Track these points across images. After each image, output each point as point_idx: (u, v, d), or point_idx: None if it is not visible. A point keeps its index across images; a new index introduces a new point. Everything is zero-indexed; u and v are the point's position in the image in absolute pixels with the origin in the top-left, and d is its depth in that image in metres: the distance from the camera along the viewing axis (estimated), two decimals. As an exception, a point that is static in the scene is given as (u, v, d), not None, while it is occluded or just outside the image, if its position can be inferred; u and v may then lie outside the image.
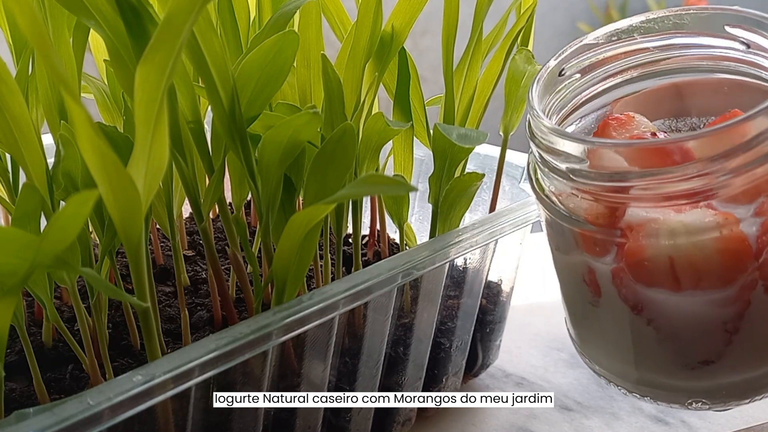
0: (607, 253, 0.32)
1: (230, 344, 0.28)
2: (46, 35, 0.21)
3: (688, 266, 0.30)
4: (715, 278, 0.30)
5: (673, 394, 0.34)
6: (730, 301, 0.31)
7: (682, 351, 0.33)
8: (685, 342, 0.32)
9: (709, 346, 0.32)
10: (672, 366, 0.33)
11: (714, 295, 0.31)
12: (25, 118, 0.29)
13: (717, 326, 0.32)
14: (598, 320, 0.35)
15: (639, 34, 0.36)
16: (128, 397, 0.25)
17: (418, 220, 0.52)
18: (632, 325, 0.33)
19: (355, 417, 0.39)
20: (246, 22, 0.38)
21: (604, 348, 0.36)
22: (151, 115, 0.23)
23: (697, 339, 0.32)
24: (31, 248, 0.22)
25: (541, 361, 0.51)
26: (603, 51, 0.36)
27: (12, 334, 0.34)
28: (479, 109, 0.41)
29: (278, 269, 0.31)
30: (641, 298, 0.32)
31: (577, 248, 0.33)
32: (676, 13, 0.35)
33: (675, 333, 0.32)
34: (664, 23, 0.36)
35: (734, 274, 0.30)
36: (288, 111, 0.34)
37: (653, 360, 0.34)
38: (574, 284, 0.35)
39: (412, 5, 0.37)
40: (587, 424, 0.45)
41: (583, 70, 0.36)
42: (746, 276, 0.30)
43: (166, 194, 0.34)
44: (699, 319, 0.31)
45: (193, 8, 0.22)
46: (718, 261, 0.30)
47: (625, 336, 0.34)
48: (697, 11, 0.35)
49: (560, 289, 0.37)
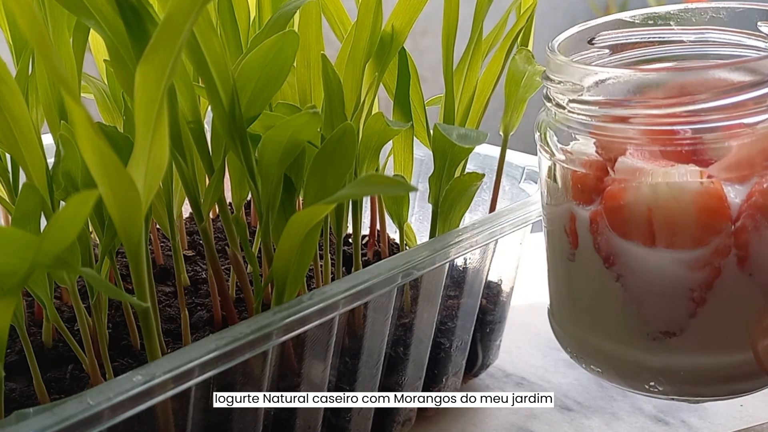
0: (593, 200, 0.32)
1: (230, 344, 0.28)
2: (46, 35, 0.21)
3: (663, 218, 0.30)
4: (688, 235, 0.30)
5: (631, 370, 0.34)
6: (700, 264, 0.30)
7: (645, 316, 0.32)
8: (649, 305, 0.32)
9: (672, 315, 0.32)
10: (634, 333, 0.33)
11: (685, 255, 0.30)
12: (25, 118, 0.29)
13: (683, 292, 0.31)
14: (572, 279, 0.35)
15: (676, 23, 0.36)
16: (128, 397, 0.25)
17: (418, 220, 0.52)
18: (602, 282, 0.33)
19: (355, 417, 0.39)
20: (246, 22, 0.38)
21: (575, 313, 0.36)
22: (151, 115, 0.23)
23: (662, 304, 0.32)
24: (31, 248, 0.22)
25: (541, 361, 0.51)
26: (638, 34, 0.36)
27: (12, 334, 0.34)
28: (479, 109, 0.41)
29: (278, 269, 0.31)
30: (614, 249, 0.32)
31: (565, 196, 0.33)
32: (714, 7, 0.35)
33: (641, 294, 0.32)
34: (701, 16, 0.36)
35: (707, 233, 0.30)
36: (288, 111, 0.34)
37: (617, 325, 0.33)
38: (557, 239, 0.35)
39: (412, 5, 0.37)
40: (587, 424, 0.45)
41: (613, 47, 0.36)
42: (720, 239, 0.30)
43: (166, 194, 0.34)
44: (666, 281, 0.31)
45: (193, 8, 0.22)
46: (693, 216, 0.30)
47: (592, 295, 0.34)
48: (734, 6, 0.35)
49: (546, 254, 0.37)
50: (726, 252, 0.30)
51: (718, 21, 0.35)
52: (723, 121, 0.29)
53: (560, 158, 0.33)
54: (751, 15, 0.35)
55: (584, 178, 0.32)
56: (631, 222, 0.31)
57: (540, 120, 0.35)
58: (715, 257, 0.30)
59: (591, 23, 0.36)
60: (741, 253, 0.30)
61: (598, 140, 0.32)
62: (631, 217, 0.31)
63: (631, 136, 0.30)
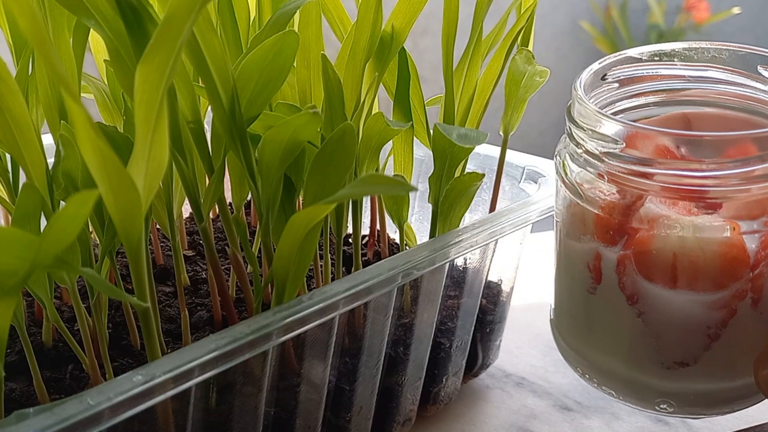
0: (617, 242, 0.34)
1: (230, 344, 0.28)
2: (46, 35, 0.21)
3: (688, 264, 0.33)
4: (710, 280, 0.33)
5: (643, 392, 0.36)
6: (718, 306, 0.33)
7: (663, 348, 0.35)
8: (668, 339, 0.34)
9: (688, 348, 0.34)
10: (649, 362, 0.35)
11: (705, 297, 0.33)
12: (25, 118, 0.29)
13: (701, 329, 0.34)
14: (590, 310, 0.37)
15: (679, 60, 0.38)
16: (128, 397, 0.25)
17: (418, 220, 0.52)
18: (623, 316, 0.35)
19: (355, 417, 0.39)
20: (246, 22, 0.38)
21: (589, 337, 0.37)
22: (151, 115, 0.23)
23: (680, 338, 0.34)
24: (31, 248, 0.22)
25: (541, 361, 0.51)
26: (644, 68, 0.39)
27: (12, 334, 0.34)
28: (479, 109, 0.41)
29: (278, 269, 0.31)
30: (638, 289, 0.34)
31: (589, 234, 0.35)
32: (717, 47, 0.38)
33: (661, 329, 0.34)
34: (703, 54, 0.38)
35: (729, 279, 0.33)
36: (288, 111, 0.34)
37: (634, 354, 0.35)
38: (577, 271, 0.37)
39: (412, 5, 0.37)
40: (587, 424, 0.45)
41: (622, 81, 0.38)
42: (739, 284, 0.33)
43: (166, 194, 0.34)
44: (686, 319, 0.34)
45: (193, 8, 0.22)
46: (717, 264, 0.32)
47: (612, 326, 0.36)
48: (736, 48, 0.37)
49: (556, 277, 0.39)
50: (743, 295, 0.33)
51: (720, 61, 0.38)
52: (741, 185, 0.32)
53: (582, 197, 0.35)
54: (752, 59, 0.37)
55: (608, 221, 0.34)
56: (656, 266, 0.33)
57: (560, 151, 0.37)
58: (733, 300, 0.33)
59: (605, 61, 0.38)
60: (755, 296, 0.33)
61: (619, 188, 0.34)
62: (658, 261, 0.33)
63: (651, 188, 0.33)
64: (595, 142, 0.34)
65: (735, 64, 0.37)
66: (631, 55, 0.39)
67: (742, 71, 0.37)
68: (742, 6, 2.72)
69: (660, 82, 0.39)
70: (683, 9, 2.69)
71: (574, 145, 0.35)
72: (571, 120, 0.35)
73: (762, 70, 0.37)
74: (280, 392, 0.34)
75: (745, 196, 0.32)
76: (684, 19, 2.68)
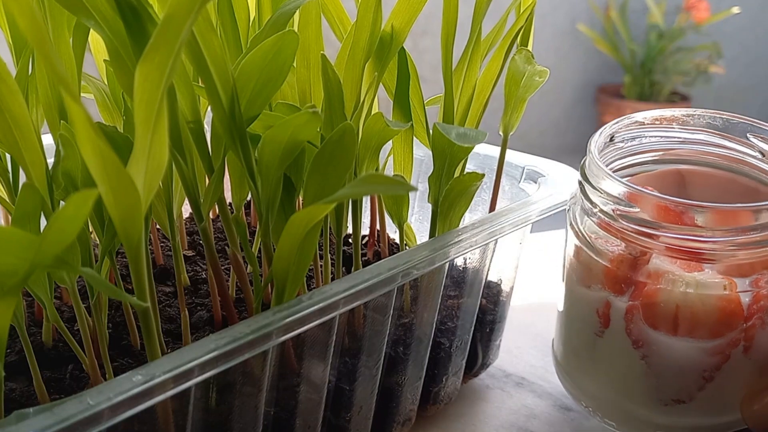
0: (625, 291, 0.39)
1: (230, 344, 0.28)
2: (46, 35, 0.21)
3: (689, 315, 0.37)
4: (708, 329, 0.37)
5: (641, 426, 0.40)
6: (714, 352, 0.38)
7: (662, 387, 0.39)
8: (667, 380, 0.39)
9: (685, 388, 0.39)
10: (649, 399, 0.39)
11: (703, 344, 0.37)
12: (25, 118, 0.29)
13: (697, 371, 0.38)
14: (596, 350, 0.41)
15: (678, 125, 0.44)
16: (128, 397, 0.25)
17: (418, 220, 0.52)
18: (628, 358, 0.39)
19: (354, 417, 0.39)
20: (246, 22, 0.38)
21: (593, 375, 0.42)
22: (150, 114, 0.23)
23: (678, 379, 0.39)
24: (31, 248, 0.22)
25: (541, 361, 0.51)
26: (646, 130, 0.44)
27: (12, 334, 0.34)
28: (478, 109, 0.41)
29: (278, 269, 0.31)
30: (643, 335, 0.38)
31: (599, 283, 0.40)
32: (711, 115, 0.43)
33: (661, 370, 0.39)
34: (699, 120, 0.43)
35: (724, 329, 0.37)
36: (288, 111, 0.34)
37: (635, 391, 0.40)
38: (585, 315, 0.41)
39: (411, 5, 0.37)
40: (587, 424, 0.45)
41: (627, 140, 0.44)
42: (734, 334, 0.37)
43: (166, 194, 0.34)
44: (684, 362, 0.38)
45: (192, 8, 0.22)
46: (715, 315, 0.37)
47: (616, 366, 0.40)
48: (729, 117, 0.43)
49: (563, 318, 0.43)
50: (737, 343, 0.37)
51: (714, 126, 0.43)
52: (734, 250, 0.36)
53: (592, 249, 0.40)
54: (743, 126, 0.42)
55: (616, 273, 0.38)
56: (661, 316, 0.38)
57: (572, 205, 0.42)
58: (727, 347, 0.37)
59: (615, 124, 0.43)
60: (747, 344, 0.38)
61: (626, 242, 0.38)
62: (663, 312, 0.38)
63: (656, 246, 0.37)
64: (606, 201, 0.38)
65: (728, 130, 0.43)
66: (637, 120, 0.44)
67: (732, 137, 0.42)
68: (742, 6, 2.72)
69: (659, 143, 0.44)
70: (683, 9, 2.69)
71: (588, 202, 0.39)
72: (585, 178, 0.40)
73: (751, 137, 0.42)
74: (280, 392, 0.34)
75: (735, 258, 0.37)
76: (684, 19, 2.68)
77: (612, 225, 0.38)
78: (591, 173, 0.39)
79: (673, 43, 2.66)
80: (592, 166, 0.39)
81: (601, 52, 2.74)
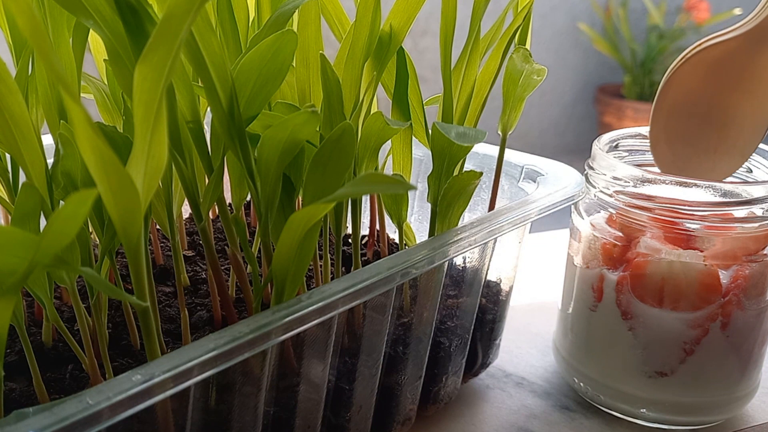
0: (618, 267, 0.43)
1: (229, 344, 0.28)
2: (46, 35, 0.21)
3: (673, 286, 0.41)
4: (689, 302, 0.41)
5: (629, 399, 0.44)
6: (694, 324, 0.42)
7: (647, 358, 0.43)
8: (651, 351, 0.43)
9: (667, 359, 0.43)
10: (635, 371, 0.44)
11: (684, 315, 0.42)
12: (24, 118, 0.29)
13: (679, 343, 0.42)
14: (591, 324, 0.45)
15: None
16: (127, 396, 0.25)
17: (418, 219, 0.52)
18: (617, 329, 0.44)
19: (354, 416, 0.39)
20: (245, 22, 0.38)
21: (588, 350, 0.46)
22: (150, 114, 0.23)
23: (662, 350, 0.43)
24: (31, 248, 0.22)
25: (541, 361, 0.51)
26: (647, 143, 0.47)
27: (12, 334, 0.34)
28: (477, 108, 0.41)
29: (278, 269, 0.31)
30: (631, 307, 0.43)
31: (597, 261, 0.44)
32: None
33: (647, 341, 0.43)
34: None
35: (703, 302, 0.41)
36: (287, 110, 0.34)
37: (622, 363, 0.44)
38: (583, 291, 0.45)
39: (410, 5, 0.37)
40: (587, 424, 0.45)
41: (629, 150, 0.49)
42: (712, 308, 0.41)
43: (165, 194, 0.34)
44: (667, 333, 0.42)
45: (191, 8, 0.22)
46: (695, 288, 0.41)
47: (607, 338, 0.44)
48: None
49: (565, 299, 0.47)
50: (715, 317, 0.42)
51: None
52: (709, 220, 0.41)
53: (599, 233, 0.44)
54: None
55: (612, 250, 0.43)
56: (647, 287, 0.42)
57: (578, 203, 0.46)
58: (706, 320, 0.42)
59: (620, 132, 0.48)
60: (724, 320, 0.42)
61: (623, 226, 0.43)
62: (648, 284, 0.42)
63: (646, 222, 0.42)
64: (608, 182, 0.43)
65: None
66: (640, 132, 0.48)
67: None
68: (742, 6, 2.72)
69: None
70: (684, 9, 2.69)
71: (592, 187, 0.44)
72: (590, 168, 0.45)
73: None
74: (280, 391, 0.34)
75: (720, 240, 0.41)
76: (684, 19, 2.68)
77: (611, 206, 0.43)
78: (596, 163, 0.45)
79: (674, 44, 2.66)
80: (596, 155, 0.45)
81: (601, 52, 2.74)
